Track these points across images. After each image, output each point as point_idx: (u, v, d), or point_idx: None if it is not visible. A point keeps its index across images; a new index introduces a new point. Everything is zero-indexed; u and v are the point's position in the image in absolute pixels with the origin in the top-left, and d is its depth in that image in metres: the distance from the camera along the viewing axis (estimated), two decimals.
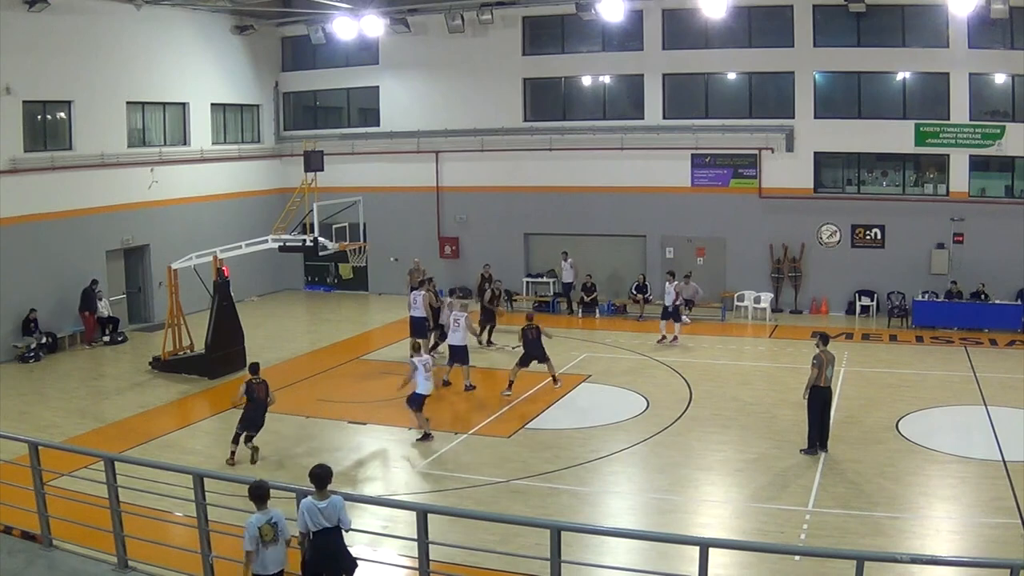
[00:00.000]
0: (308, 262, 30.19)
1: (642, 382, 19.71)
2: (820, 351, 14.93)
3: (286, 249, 22.12)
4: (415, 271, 25.16)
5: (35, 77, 22.58)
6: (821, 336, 15.23)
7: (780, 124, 26.39)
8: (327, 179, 25.32)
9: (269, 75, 31.08)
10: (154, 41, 26.08)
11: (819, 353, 14.90)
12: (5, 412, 17.57)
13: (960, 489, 13.55)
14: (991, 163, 25.47)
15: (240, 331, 21.33)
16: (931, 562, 10.37)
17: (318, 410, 17.95)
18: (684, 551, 10.29)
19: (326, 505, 8.41)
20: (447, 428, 16.76)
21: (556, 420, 17.27)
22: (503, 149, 28.86)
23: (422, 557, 8.48)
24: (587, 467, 14.78)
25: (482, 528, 11.60)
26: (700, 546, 7.67)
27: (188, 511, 10.18)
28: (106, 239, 24.84)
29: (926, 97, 25.61)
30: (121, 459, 10.58)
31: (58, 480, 11.82)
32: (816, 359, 14.86)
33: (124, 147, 25.42)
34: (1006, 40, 24.38)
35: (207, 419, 17.82)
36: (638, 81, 27.82)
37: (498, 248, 29.06)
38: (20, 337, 22.33)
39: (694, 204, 27.38)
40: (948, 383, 19.35)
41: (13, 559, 9.96)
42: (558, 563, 7.97)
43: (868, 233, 26.23)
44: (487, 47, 28.63)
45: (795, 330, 24.67)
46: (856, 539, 11.76)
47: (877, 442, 15.56)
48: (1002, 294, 24.55)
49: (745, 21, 26.33)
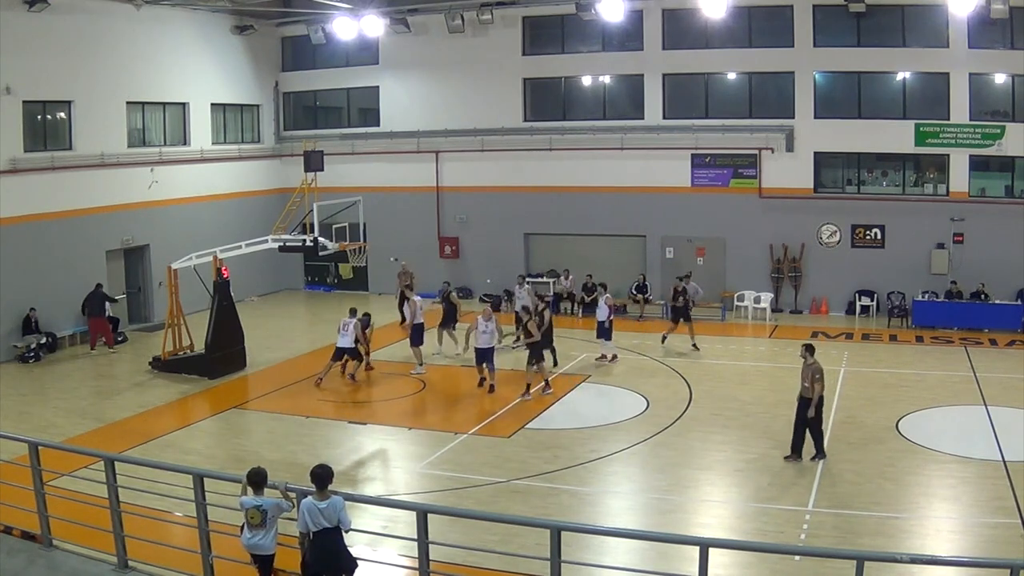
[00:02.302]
0: (308, 262, 30.19)
1: (642, 382, 19.71)
2: (815, 361, 14.44)
3: (286, 249, 22.12)
4: (403, 274, 25.18)
5: (35, 77, 22.57)
6: (808, 347, 14.72)
7: (780, 124, 26.40)
8: (327, 179, 25.33)
9: (269, 75, 31.08)
10: (154, 41, 26.08)
11: (814, 363, 14.39)
12: (5, 412, 17.57)
13: (960, 489, 13.54)
14: (991, 163, 25.47)
15: (240, 331, 21.34)
16: (931, 562, 10.39)
17: (318, 410, 17.95)
18: (684, 551, 10.28)
19: (326, 505, 8.42)
20: (447, 428, 16.77)
21: (556, 420, 17.27)
22: (503, 149, 28.87)
23: (422, 557, 8.48)
24: (587, 467, 14.78)
25: (482, 528, 11.60)
26: (700, 546, 7.68)
27: (188, 511, 10.17)
28: (106, 239, 24.84)
29: (926, 97, 25.61)
30: (121, 459, 10.58)
31: (58, 480, 11.81)
32: (819, 373, 14.34)
33: (124, 147, 25.42)
34: (1006, 40, 24.39)
35: (207, 419, 17.82)
36: (638, 81, 27.83)
37: (498, 248, 29.08)
38: (20, 337, 22.33)
39: (694, 204, 27.38)
40: (948, 383, 19.35)
41: (13, 559, 9.96)
42: (558, 563, 7.97)
43: (868, 233, 26.23)
44: (487, 47, 28.63)
45: (795, 330, 24.67)
46: (856, 539, 11.76)
47: (877, 442, 15.56)
48: (1002, 294, 24.55)
49: (745, 21, 26.33)
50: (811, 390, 14.32)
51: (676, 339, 22.84)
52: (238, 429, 17.33)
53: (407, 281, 25.07)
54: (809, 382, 14.37)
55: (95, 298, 23.24)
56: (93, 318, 23.23)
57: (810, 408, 14.36)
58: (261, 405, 18.64)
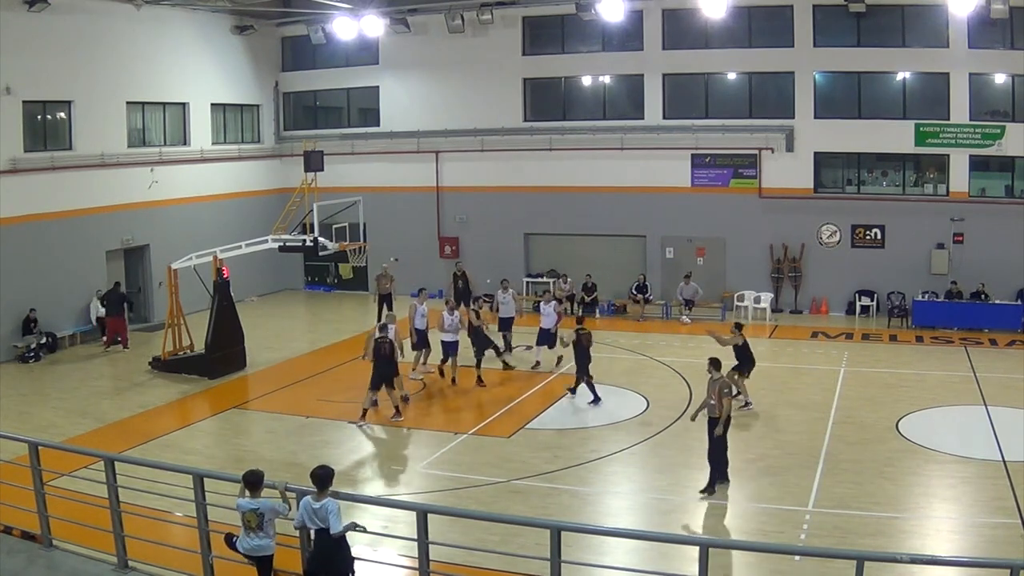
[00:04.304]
0: (308, 262, 30.20)
1: (642, 382, 19.71)
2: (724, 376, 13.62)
3: (286, 249, 22.13)
4: (382, 276, 25.13)
5: (35, 77, 22.57)
6: (713, 361, 13.85)
7: (780, 124, 26.39)
8: (327, 179, 25.34)
9: (269, 75, 31.08)
10: (154, 41, 26.08)
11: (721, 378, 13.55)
12: (5, 412, 17.57)
13: (960, 489, 13.55)
14: (991, 163, 25.47)
15: (240, 331, 21.34)
16: (931, 562, 10.39)
17: (318, 410, 17.95)
18: (684, 551, 10.29)
19: (319, 507, 8.42)
20: (447, 428, 16.77)
21: (556, 420, 17.28)
22: (503, 149, 28.87)
23: (422, 557, 8.48)
24: (587, 467, 14.78)
25: (482, 528, 11.60)
26: (700, 546, 7.68)
27: (188, 511, 10.17)
28: (106, 239, 24.84)
29: (926, 97, 25.60)
30: (121, 459, 10.57)
31: (58, 480, 11.81)
32: (728, 388, 13.48)
33: (124, 147, 25.42)
34: (1006, 40, 24.38)
35: (207, 419, 17.82)
36: (638, 81, 27.83)
37: (498, 248, 29.07)
38: (20, 337, 22.33)
39: (694, 204, 27.38)
40: (948, 383, 19.35)
41: (13, 559, 9.96)
42: (558, 563, 7.97)
43: (868, 233, 26.23)
44: (487, 47, 28.62)
45: (795, 330, 24.69)
46: (856, 539, 11.76)
47: (877, 442, 15.56)
48: (1002, 294, 24.54)
49: (745, 21, 26.33)
50: (718, 408, 13.33)
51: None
52: (238, 429, 17.33)
53: (387, 284, 25.00)
54: (716, 399, 13.38)
55: (114, 297, 23.26)
56: (111, 317, 23.26)
57: (718, 426, 13.32)
58: (261, 405, 18.65)
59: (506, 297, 22.16)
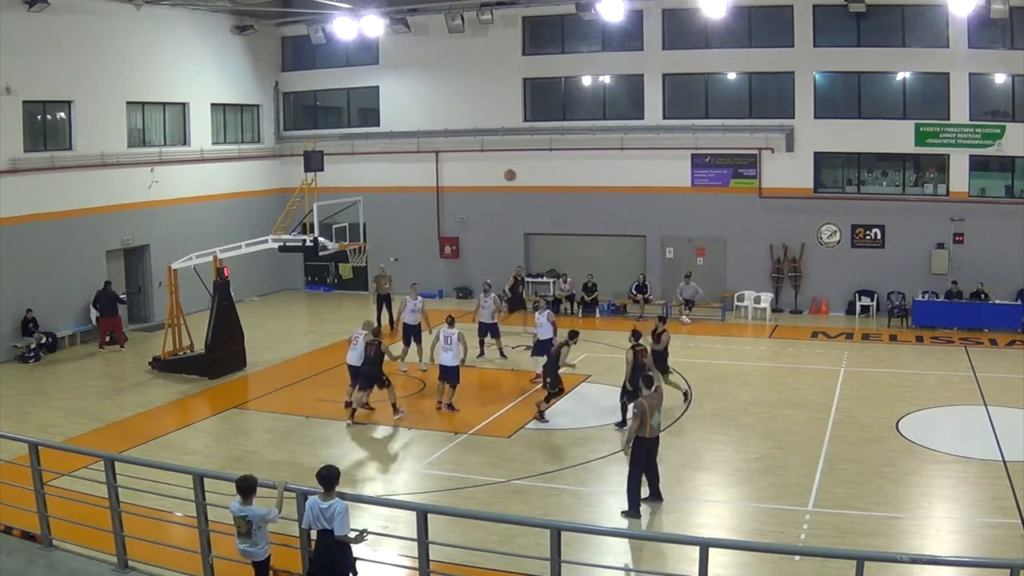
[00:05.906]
0: (308, 262, 30.13)
1: None
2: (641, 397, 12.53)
3: (286, 249, 22.12)
4: (381, 277, 25.11)
5: (35, 77, 22.57)
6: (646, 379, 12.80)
7: (780, 124, 26.40)
8: (327, 179, 25.33)
9: (269, 75, 31.08)
10: (154, 41, 26.07)
11: (640, 401, 12.44)
12: (5, 412, 17.57)
13: (960, 489, 13.54)
14: (991, 163, 25.47)
15: (240, 331, 21.34)
16: (931, 562, 10.39)
17: (318, 410, 17.94)
18: (684, 551, 10.29)
19: (328, 507, 8.44)
20: (447, 428, 16.77)
21: (556, 420, 17.26)
22: (503, 149, 28.87)
23: (422, 557, 8.48)
24: (587, 467, 14.78)
25: (482, 528, 11.60)
26: (700, 546, 7.68)
27: (188, 511, 10.18)
28: (106, 239, 24.83)
29: (926, 97, 25.62)
30: (121, 459, 10.58)
31: (58, 480, 11.82)
32: (637, 407, 12.33)
33: (124, 147, 25.42)
34: (1006, 40, 24.38)
35: (207, 419, 17.81)
36: (638, 81, 27.83)
37: (498, 248, 29.07)
38: (20, 337, 22.33)
39: (694, 204, 27.38)
40: (948, 383, 19.34)
41: (13, 559, 9.96)
42: (558, 563, 7.97)
43: (868, 233, 26.23)
44: (487, 47, 28.63)
45: (795, 330, 24.69)
46: (856, 539, 11.75)
47: (877, 442, 15.55)
48: (1002, 294, 24.55)
49: (745, 21, 26.33)
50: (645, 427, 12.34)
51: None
52: (238, 429, 17.32)
53: (386, 284, 25.00)
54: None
55: (105, 297, 23.25)
56: (104, 317, 23.27)
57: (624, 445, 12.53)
58: (261, 405, 18.65)
59: (487, 301, 21.57)
